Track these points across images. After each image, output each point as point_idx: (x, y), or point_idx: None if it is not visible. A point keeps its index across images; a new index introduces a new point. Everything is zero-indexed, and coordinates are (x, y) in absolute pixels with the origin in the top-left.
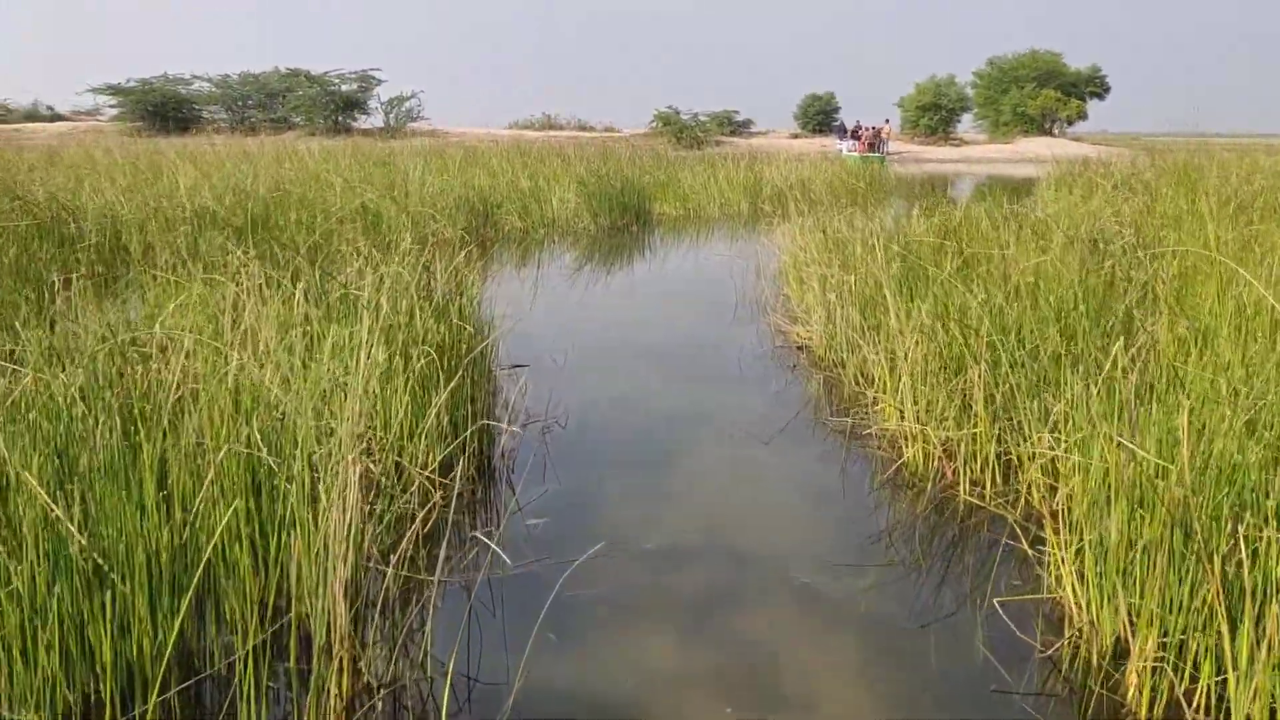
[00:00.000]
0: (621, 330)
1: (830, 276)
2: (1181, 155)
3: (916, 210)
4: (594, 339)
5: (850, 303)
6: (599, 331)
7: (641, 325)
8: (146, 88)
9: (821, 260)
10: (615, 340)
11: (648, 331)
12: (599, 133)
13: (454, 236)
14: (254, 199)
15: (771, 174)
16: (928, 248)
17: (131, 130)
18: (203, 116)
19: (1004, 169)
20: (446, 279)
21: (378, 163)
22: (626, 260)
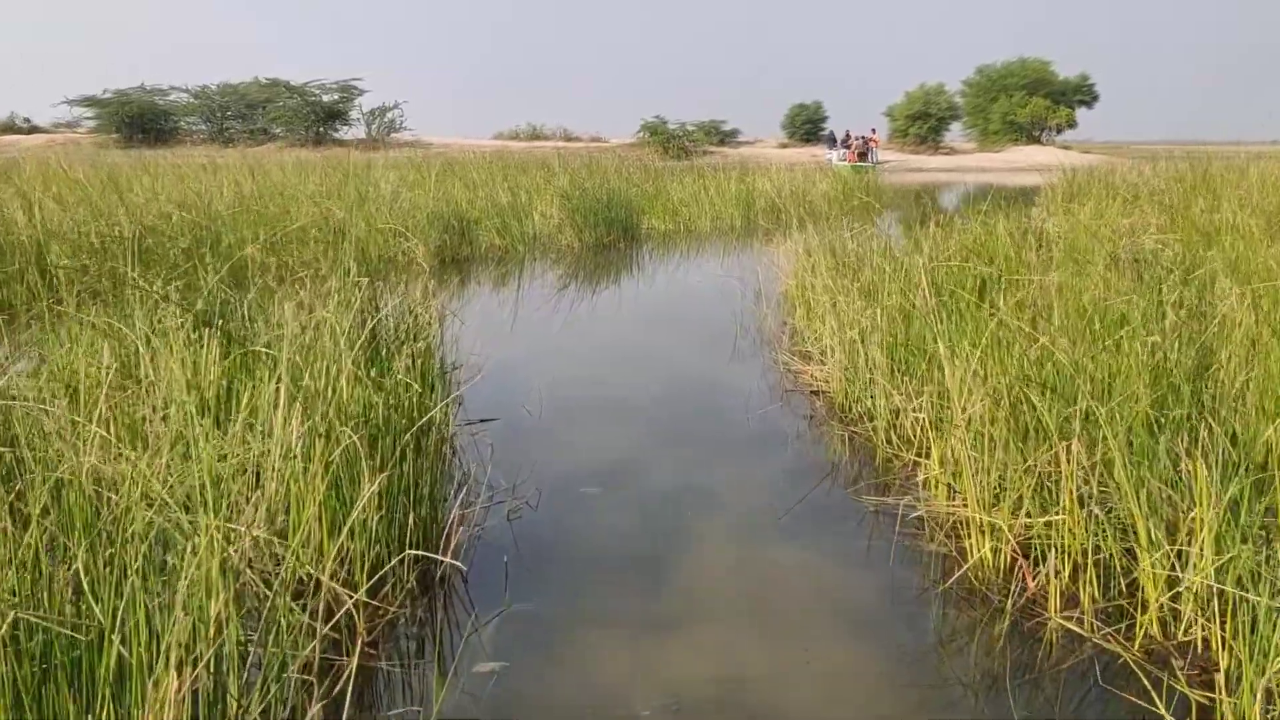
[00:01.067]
0: (606, 370)
1: (846, 305)
2: (1183, 164)
3: (926, 224)
4: (575, 382)
5: (874, 340)
6: (580, 372)
7: (629, 363)
8: (123, 99)
9: (834, 285)
10: (599, 383)
11: (636, 370)
12: (585, 143)
13: (425, 256)
14: (207, 217)
15: (764, 185)
16: (958, 271)
17: (108, 142)
18: (181, 128)
19: (997, 178)
20: (399, 320)
21: (349, 175)
22: (613, 281)
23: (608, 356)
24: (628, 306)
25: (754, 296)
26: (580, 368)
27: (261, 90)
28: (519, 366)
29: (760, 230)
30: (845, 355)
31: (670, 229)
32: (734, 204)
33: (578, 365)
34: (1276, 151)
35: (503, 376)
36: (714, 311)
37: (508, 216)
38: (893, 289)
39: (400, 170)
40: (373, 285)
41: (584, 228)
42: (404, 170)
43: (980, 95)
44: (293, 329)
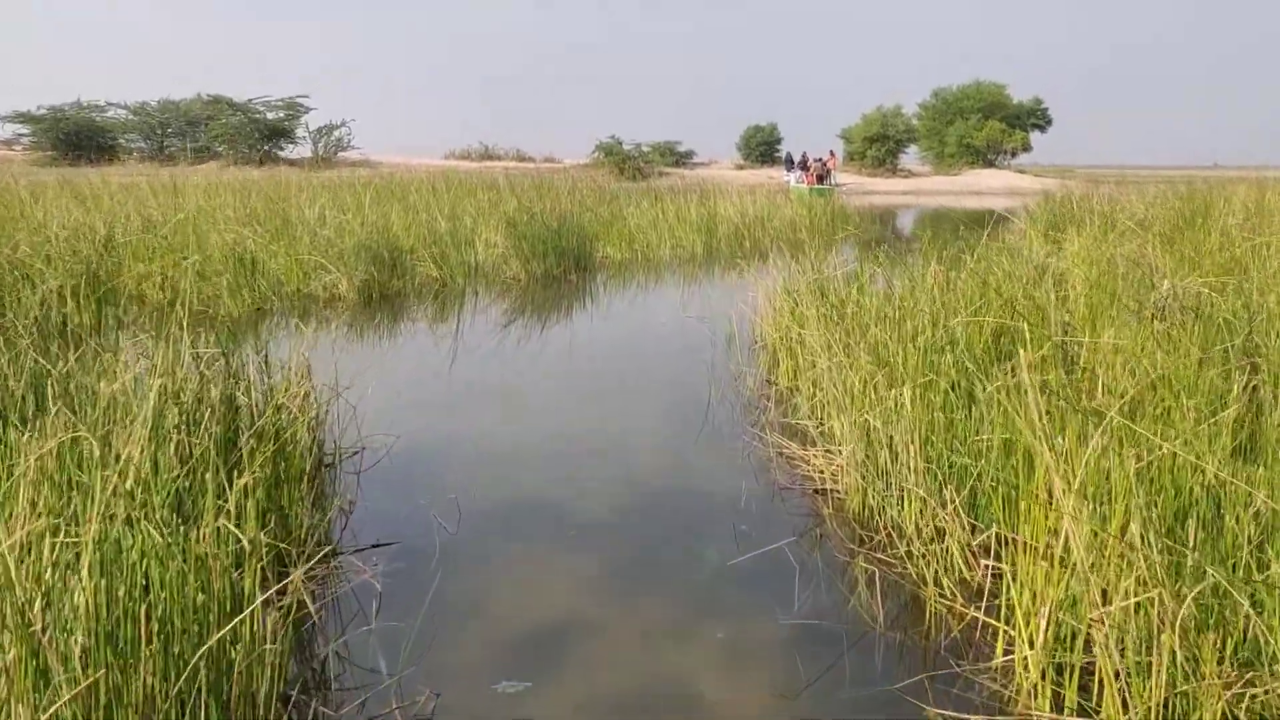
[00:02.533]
0: (545, 458)
1: (853, 373)
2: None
3: (913, 254)
4: (502, 478)
5: (903, 425)
6: (510, 461)
7: (576, 447)
8: (58, 115)
9: (831, 341)
10: (534, 481)
11: (585, 460)
12: (539, 163)
13: (350, 291)
14: (97, 248)
15: (727, 210)
16: (981, 327)
17: (44, 160)
18: (119, 145)
19: (956, 201)
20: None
21: (277, 197)
22: (562, 321)
23: (549, 438)
24: (577, 359)
25: (725, 343)
26: (509, 453)
27: (204, 107)
28: (432, 453)
29: (723, 258)
30: (860, 445)
31: (627, 258)
32: (695, 230)
33: (506, 449)
34: (1230, 176)
35: (410, 468)
36: (681, 365)
37: (446, 245)
38: (915, 356)
39: (335, 192)
40: (231, 343)
41: (531, 258)
42: (340, 192)
43: (936, 118)
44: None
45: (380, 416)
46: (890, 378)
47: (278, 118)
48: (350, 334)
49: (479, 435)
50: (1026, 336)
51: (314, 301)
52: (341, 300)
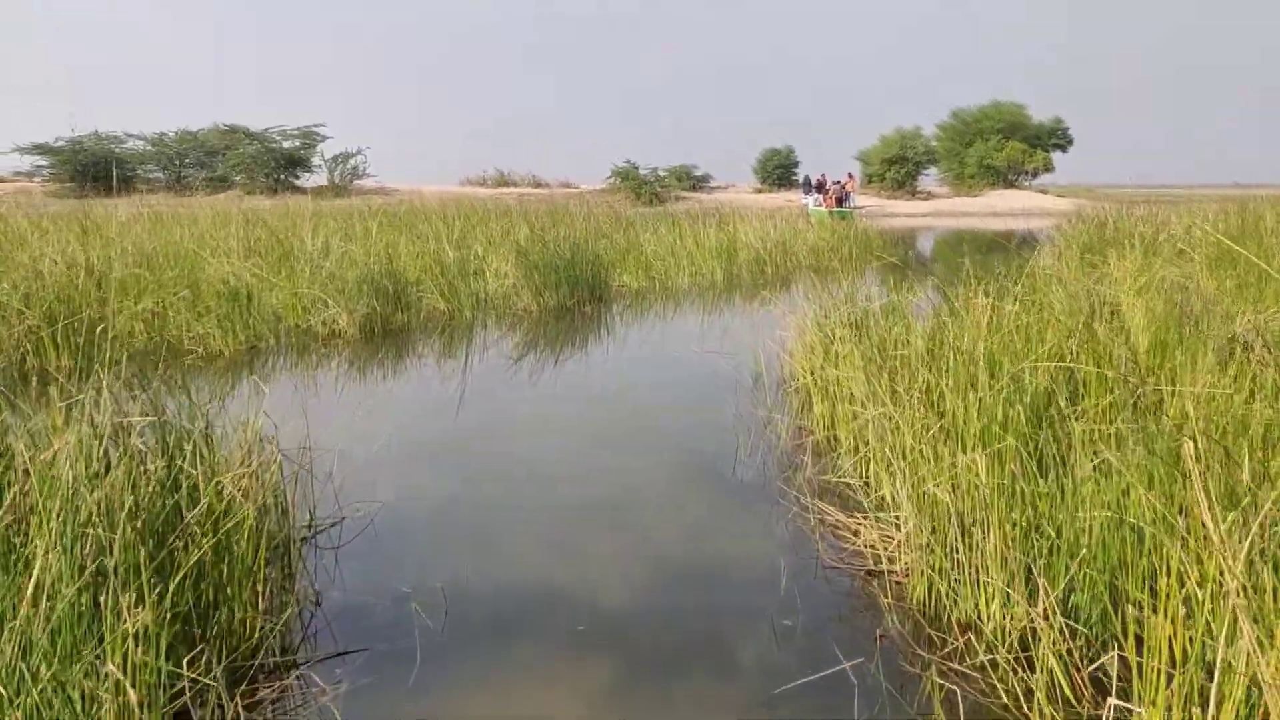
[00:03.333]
0: (550, 528)
1: (905, 424)
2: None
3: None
4: (499, 556)
5: (976, 496)
6: (510, 532)
7: (587, 513)
8: (76, 147)
9: (874, 381)
10: (536, 559)
11: (598, 530)
12: (555, 189)
13: (349, 327)
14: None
15: (748, 235)
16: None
17: (62, 191)
18: (137, 176)
19: (980, 223)
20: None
21: (287, 228)
22: (575, 358)
23: (556, 503)
24: (591, 403)
25: (752, 383)
26: (513, 526)
27: (220, 137)
28: (421, 524)
29: (744, 286)
30: (922, 520)
31: (644, 286)
32: (715, 257)
33: (511, 521)
34: (1259, 194)
35: (394, 543)
36: (704, 410)
37: (454, 276)
38: (978, 406)
39: (345, 220)
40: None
41: (543, 289)
42: (350, 220)
43: (955, 139)
44: None
45: (368, 475)
46: (950, 431)
47: (293, 146)
48: (348, 373)
49: (476, 500)
50: (1093, 380)
51: (313, 338)
52: (341, 336)
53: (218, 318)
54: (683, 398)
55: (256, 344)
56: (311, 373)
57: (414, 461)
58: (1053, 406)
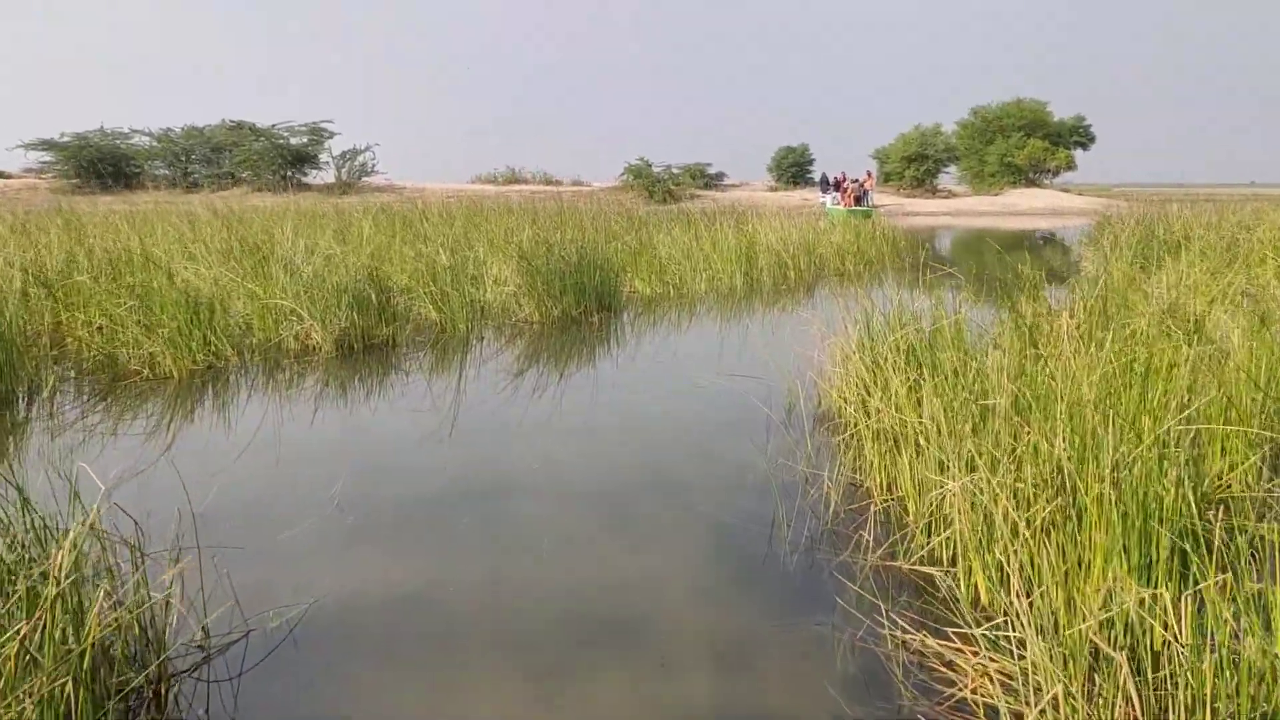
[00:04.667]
0: (535, 637)
1: (1004, 496)
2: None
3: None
4: (463, 682)
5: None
6: (482, 644)
7: (583, 615)
8: (81, 142)
9: (962, 440)
10: (512, 689)
11: (595, 644)
12: (567, 186)
13: (323, 342)
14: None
15: (767, 236)
16: None
17: (67, 188)
18: (142, 173)
19: (1000, 222)
20: None
21: (261, 229)
22: (578, 382)
23: (546, 596)
24: (593, 443)
25: (785, 416)
26: (486, 635)
27: (228, 133)
28: (355, 633)
29: (765, 291)
30: (1057, 659)
31: (657, 293)
32: (733, 260)
33: (483, 626)
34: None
35: (318, 665)
36: (729, 456)
37: (446, 283)
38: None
39: (340, 219)
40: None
41: (546, 297)
42: (346, 220)
43: (975, 137)
44: None
45: (307, 552)
46: (1073, 513)
47: (301, 143)
48: (312, 401)
49: (439, 590)
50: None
51: (285, 354)
52: (315, 352)
53: (171, 332)
54: (703, 440)
55: (216, 363)
56: (270, 400)
57: (370, 530)
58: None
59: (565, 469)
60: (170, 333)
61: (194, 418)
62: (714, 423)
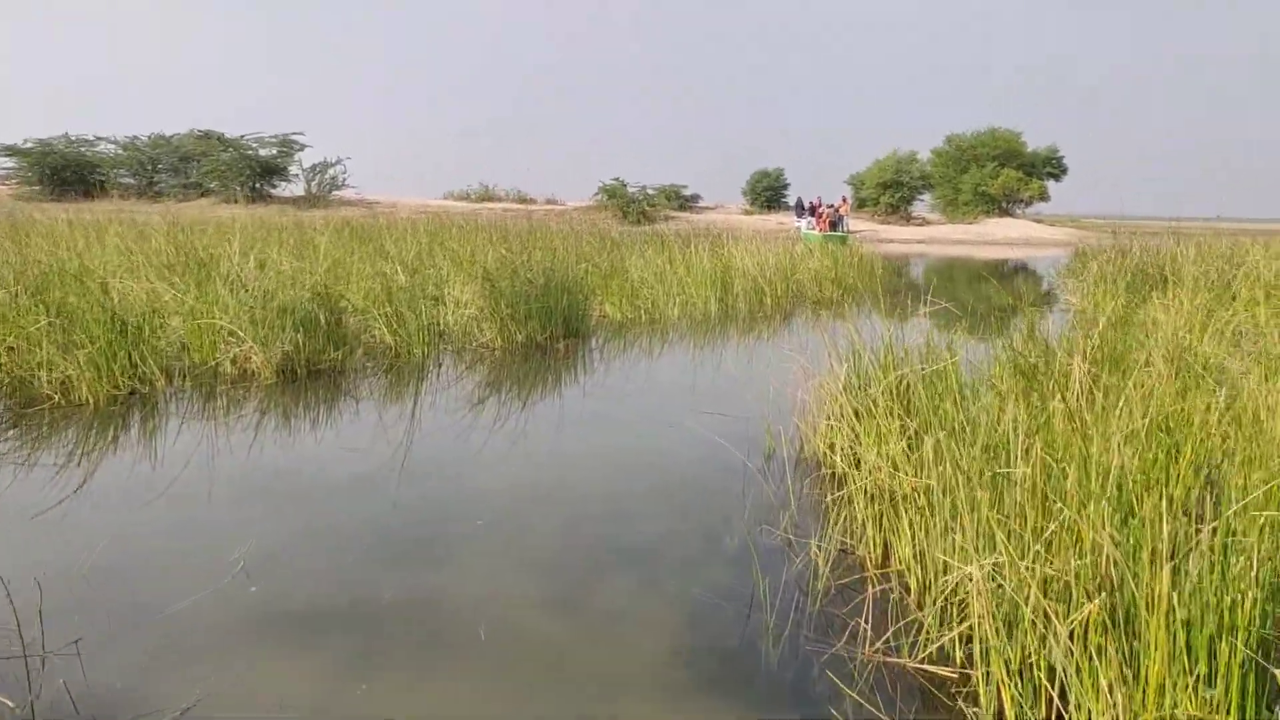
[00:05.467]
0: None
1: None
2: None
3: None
4: None
5: None
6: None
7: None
8: (45, 149)
9: (980, 512)
10: None
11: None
12: (540, 205)
13: (263, 367)
14: None
15: (744, 260)
16: None
17: (30, 195)
18: (107, 181)
19: (976, 251)
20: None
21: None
22: (538, 417)
23: (483, 706)
24: (550, 496)
25: (764, 462)
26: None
27: (196, 143)
28: None
29: (740, 318)
30: None
31: (629, 317)
32: (708, 285)
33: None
34: (1254, 229)
35: None
36: (700, 515)
37: (402, 304)
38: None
39: (299, 233)
40: None
41: (511, 321)
42: (304, 234)
43: (950, 165)
44: None
45: (180, 644)
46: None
47: (270, 155)
48: (240, 434)
49: (345, 694)
50: None
51: (222, 379)
52: (254, 378)
53: (92, 354)
54: (673, 493)
55: (140, 388)
56: (195, 433)
57: (272, 607)
58: None
59: (516, 529)
60: (91, 354)
61: (103, 454)
62: (686, 472)
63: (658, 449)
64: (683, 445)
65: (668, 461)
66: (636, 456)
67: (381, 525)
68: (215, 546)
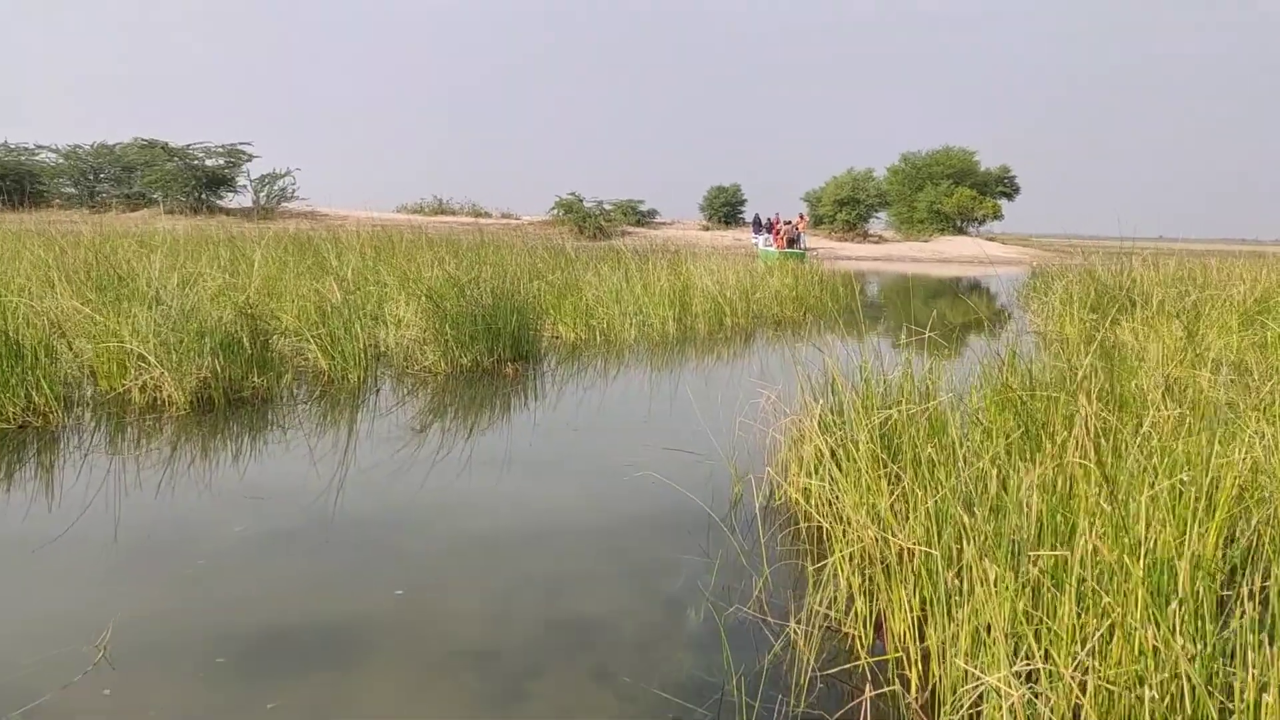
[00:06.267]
0: None
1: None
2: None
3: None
4: None
5: None
6: None
7: None
8: None
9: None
10: None
11: None
12: (495, 219)
13: (177, 394)
14: None
15: (704, 279)
16: None
17: None
18: (47, 190)
19: (931, 268)
20: None
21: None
22: (479, 454)
23: None
24: (480, 566)
25: (730, 512)
26: None
27: (140, 152)
28: None
29: (698, 339)
30: None
31: (582, 338)
32: (666, 304)
33: None
34: (1197, 249)
35: None
36: (659, 582)
37: (336, 325)
38: None
39: (233, 247)
40: None
41: (455, 344)
42: (239, 247)
43: (905, 183)
44: None
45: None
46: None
47: (217, 165)
48: (140, 475)
49: None
50: None
51: (130, 409)
52: (166, 407)
53: None
54: (628, 552)
55: (31, 421)
56: (83, 477)
57: (128, 710)
58: None
59: (439, 603)
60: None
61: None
62: (642, 526)
63: (610, 495)
64: (638, 492)
65: (622, 512)
66: (586, 505)
67: (275, 595)
68: (78, 624)
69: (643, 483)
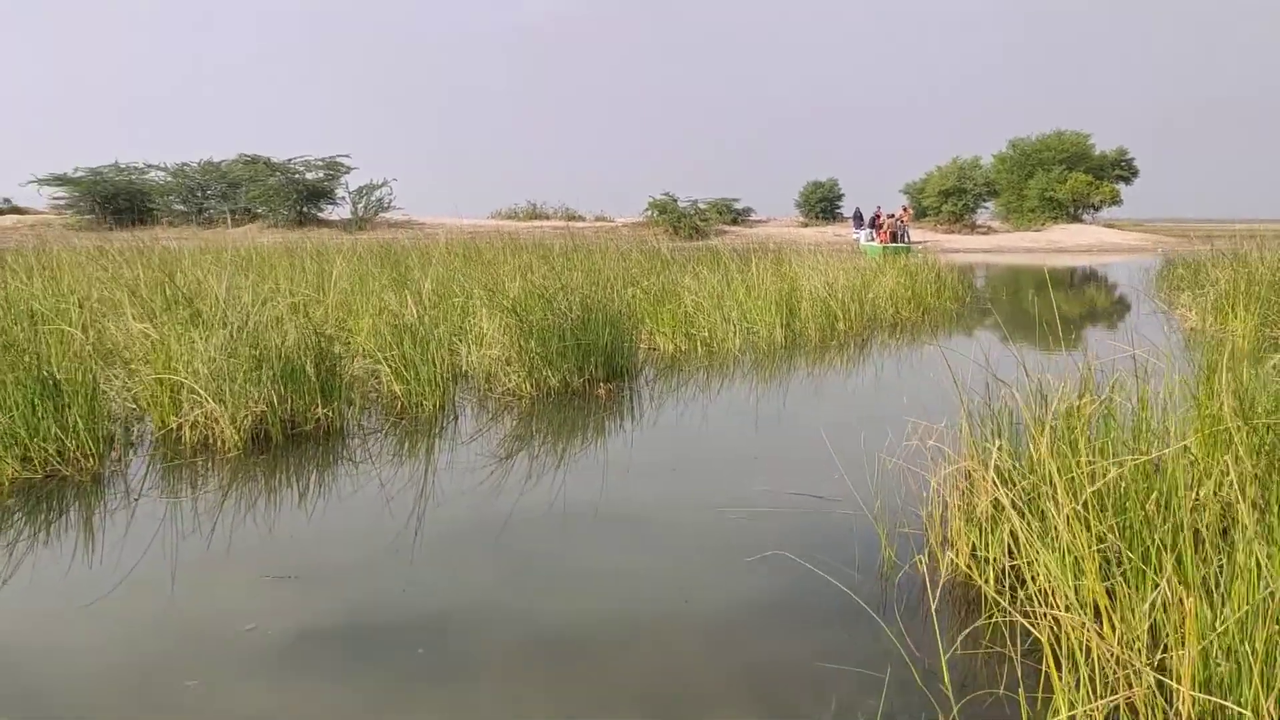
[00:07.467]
0: None
1: None
2: None
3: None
4: None
5: None
6: None
7: None
8: (96, 177)
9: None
10: None
11: None
12: (590, 222)
13: (230, 433)
14: None
15: (812, 279)
16: None
17: (82, 224)
18: (157, 208)
19: (1046, 259)
20: None
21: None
22: (557, 514)
23: None
24: (558, 673)
25: (879, 587)
26: None
27: (244, 168)
28: None
29: (809, 346)
30: None
31: (683, 349)
32: (773, 308)
33: None
34: None
35: None
36: (783, 696)
37: (409, 347)
38: None
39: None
40: None
41: (542, 362)
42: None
43: (1014, 171)
44: None
45: None
46: None
47: (317, 178)
48: (187, 530)
49: None
50: None
51: (181, 450)
52: (218, 447)
53: (8, 423)
54: (743, 653)
55: (60, 470)
56: (115, 537)
57: None
58: None
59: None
60: (10, 421)
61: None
62: (760, 605)
63: (715, 567)
64: (752, 555)
65: (733, 589)
66: (687, 581)
67: (336, 689)
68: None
69: (756, 535)
